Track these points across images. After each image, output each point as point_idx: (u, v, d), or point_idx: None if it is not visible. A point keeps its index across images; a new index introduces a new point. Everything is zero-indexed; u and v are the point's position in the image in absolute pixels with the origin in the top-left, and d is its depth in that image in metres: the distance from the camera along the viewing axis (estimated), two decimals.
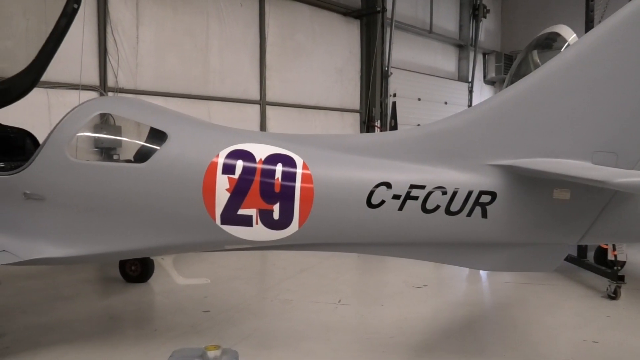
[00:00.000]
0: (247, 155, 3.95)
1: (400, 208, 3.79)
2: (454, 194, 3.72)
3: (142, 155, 4.11)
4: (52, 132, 4.11)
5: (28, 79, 5.59)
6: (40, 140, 5.63)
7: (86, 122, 4.14)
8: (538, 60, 9.41)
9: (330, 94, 15.06)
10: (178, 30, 11.34)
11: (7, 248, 4.00)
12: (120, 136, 4.53)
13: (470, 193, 3.71)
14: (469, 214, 3.72)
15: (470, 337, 5.21)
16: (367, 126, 15.80)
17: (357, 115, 16.10)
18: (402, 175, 3.84)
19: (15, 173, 4.13)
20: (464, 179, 3.74)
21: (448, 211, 3.74)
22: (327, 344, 4.83)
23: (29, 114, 7.23)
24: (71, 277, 7.16)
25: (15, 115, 5.81)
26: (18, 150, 5.37)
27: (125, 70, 10.44)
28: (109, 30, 10.13)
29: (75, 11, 5.44)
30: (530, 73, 3.84)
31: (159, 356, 4.33)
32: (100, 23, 10.04)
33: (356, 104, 16.03)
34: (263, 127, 12.92)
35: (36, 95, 6.01)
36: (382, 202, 3.80)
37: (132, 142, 4.37)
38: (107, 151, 4.47)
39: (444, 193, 3.73)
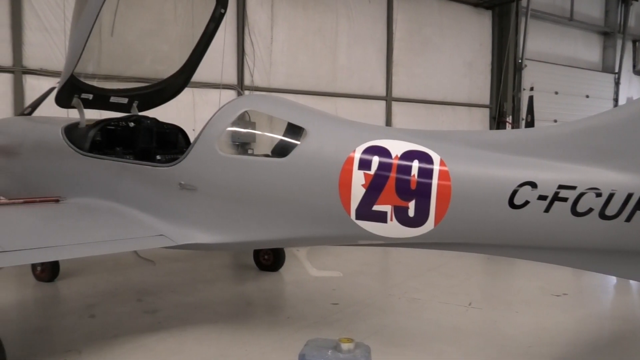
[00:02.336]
0: (383, 152, 3.95)
1: (547, 210, 3.53)
2: (610, 196, 3.37)
3: (283, 150, 4.30)
4: (204, 128, 4.46)
5: (180, 80, 6.18)
6: (189, 136, 6.18)
7: (234, 119, 4.44)
8: None
9: (458, 89, 14.59)
10: (309, 29, 11.72)
11: (165, 233, 4.43)
12: (264, 132, 4.79)
13: (629, 196, 3.34)
14: (628, 219, 3.36)
15: (621, 355, 4.71)
16: (497, 122, 15.05)
17: (487, 110, 15.40)
18: (549, 175, 3.57)
19: (173, 165, 4.56)
20: (622, 180, 3.38)
21: (602, 215, 3.40)
22: (459, 347, 4.68)
23: (176, 111, 7.95)
24: (210, 262, 7.75)
25: (165, 112, 6.42)
26: (172, 145, 5.91)
27: (260, 69, 11.04)
28: (246, 31, 10.78)
29: (222, 16, 5.88)
30: None
31: (293, 343, 4.51)
32: (239, 25, 10.74)
33: (486, 99, 15.34)
34: (388, 122, 12.91)
35: (183, 94, 6.57)
36: (526, 202, 3.57)
37: (275, 137, 4.59)
38: (249, 146, 4.75)
39: (598, 195, 3.40)
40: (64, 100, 5.36)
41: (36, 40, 9.03)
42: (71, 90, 5.31)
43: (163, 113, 6.33)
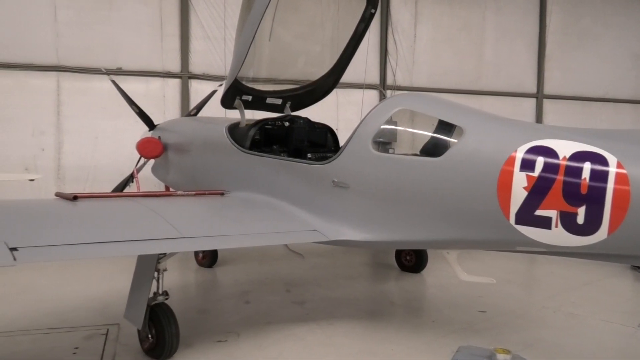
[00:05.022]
0: (549, 152, 3.68)
1: None
2: None
3: (436, 149, 4.21)
4: (358, 126, 4.53)
5: (330, 80, 6.36)
6: (338, 135, 6.34)
7: (388, 118, 4.45)
8: None
9: (621, 84, 13.06)
10: (454, 25, 11.37)
11: (317, 228, 4.59)
12: (418, 130, 4.74)
13: None
14: None
15: None
16: None
17: None
18: None
19: (326, 163, 4.70)
20: None
21: None
22: None
23: (321, 110, 8.17)
24: (350, 259, 7.88)
25: (311, 112, 6.63)
26: (322, 144, 6.12)
27: (402, 68, 10.97)
28: (389, 31, 10.78)
29: (372, 16, 5.93)
30: None
31: (441, 348, 4.42)
32: (383, 24, 10.77)
33: None
34: (539, 121, 12.00)
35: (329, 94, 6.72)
36: None
37: (428, 136, 4.51)
38: (400, 145, 4.73)
39: None
40: (227, 102, 5.81)
41: (200, 48, 9.93)
42: (234, 93, 5.74)
43: (308, 113, 6.57)
